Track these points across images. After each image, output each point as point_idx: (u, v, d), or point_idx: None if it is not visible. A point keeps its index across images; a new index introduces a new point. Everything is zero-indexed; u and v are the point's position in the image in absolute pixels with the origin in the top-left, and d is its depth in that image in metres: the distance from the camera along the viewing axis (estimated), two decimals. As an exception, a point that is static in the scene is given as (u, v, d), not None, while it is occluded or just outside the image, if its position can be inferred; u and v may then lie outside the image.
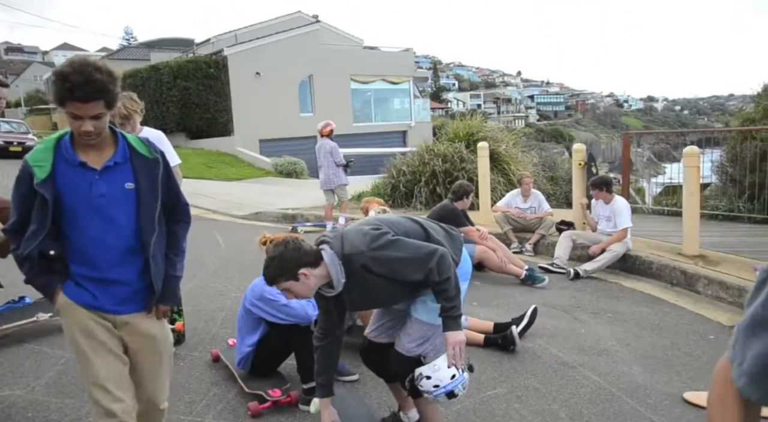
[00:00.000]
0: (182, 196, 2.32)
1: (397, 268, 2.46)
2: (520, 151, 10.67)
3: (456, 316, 2.49)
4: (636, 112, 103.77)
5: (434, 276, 2.44)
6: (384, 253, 2.44)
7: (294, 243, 2.47)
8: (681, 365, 3.77)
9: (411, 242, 2.51)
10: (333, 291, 2.53)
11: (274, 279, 2.47)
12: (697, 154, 5.80)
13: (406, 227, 2.65)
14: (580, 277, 5.72)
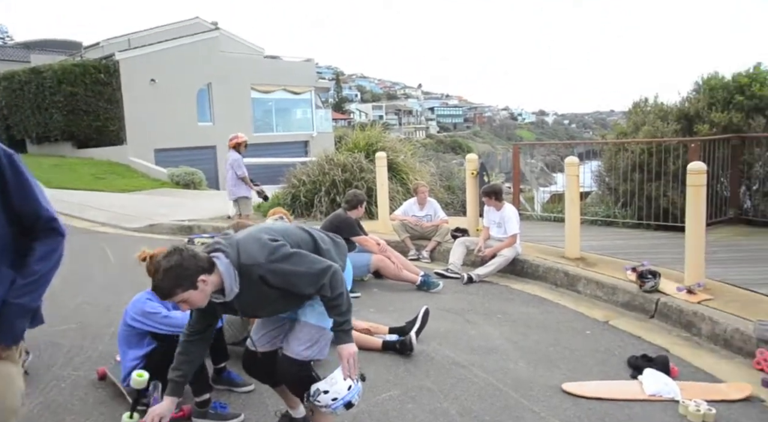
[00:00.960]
0: (43, 207, 1.95)
1: (293, 281, 2.49)
2: (417, 161, 10.98)
3: (348, 330, 2.57)
4: (529, 125, 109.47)
5: (326, 292, 2.50)
6: (281, 266, 2.46)
7: (188, 251, 2.42)
8: (561, 359, 4.05)
9: (307, 257, 2.54)
10: (223, 298, 2.51)
11: (171, 292, 2.36)
12: (577, 164, 6.26)
13: (297, 237, 2.69)
14: (473, 281, 5.98)
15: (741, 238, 7.03)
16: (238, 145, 8.64)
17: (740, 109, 7.83)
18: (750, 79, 7.96)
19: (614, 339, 4.41)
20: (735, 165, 7.82)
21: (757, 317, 4.09)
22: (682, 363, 3.94)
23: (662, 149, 7.76)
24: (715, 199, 7.70)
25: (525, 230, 7.11)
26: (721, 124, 7.78)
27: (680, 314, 4.58)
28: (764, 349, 3.78)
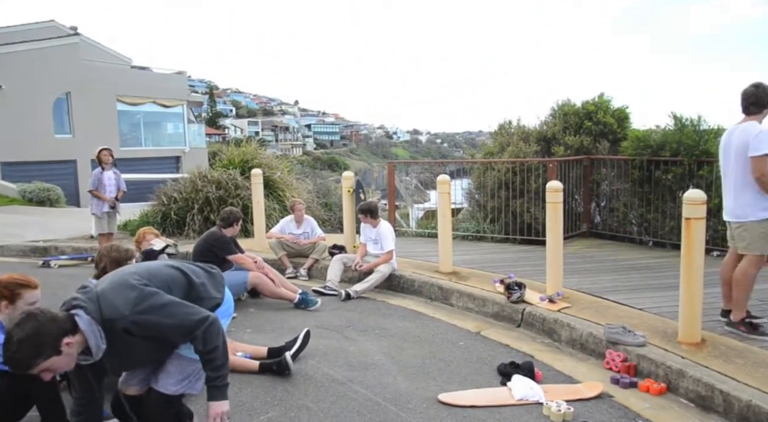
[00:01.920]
0: None
1: (164, 333, 2.36)
2: (294, 178, 10.93)
3: (222, 386, 2.45)
4: (404, 143, 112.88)
5: (199, 345, 2.39)
6: (149, 318, 2.31)
7: (44, 314, 2.17)
8: (437, 371, 4.19)
9: (181, 307, 2.40)
10: (91, 359, 2.30)
11: (31, 363, 2.11)
12: (448, 182, 6.55)
13: (166, 277, 2.54)
14: (351, 298, 6.03)
15: (593, 250, 7.72)
16: (99, 159, 8.29)
17: (589, 134, 8.65)
18: (596, 107, 8.82)
19: (486, 349, 4.64)
20: (586, 183, 8.60)
21: (607, 321, 4.51)
22: (546, 367, 4.24)
23: (525, 168, 8.36)
24: (571, 215, 8.40)
25: (401, 246, 7.31)
26: (574, 147, 8.54)
27: (543, 322, 4.93)
28: (612, 350, 4.17)
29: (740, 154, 4.23)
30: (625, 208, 8.21)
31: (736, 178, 4.30)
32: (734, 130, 4.38)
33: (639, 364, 4.04)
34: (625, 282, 5.90)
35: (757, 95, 4.26)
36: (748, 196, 4.23)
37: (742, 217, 4.30)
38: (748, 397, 3.32)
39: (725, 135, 4.49)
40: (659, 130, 8.02)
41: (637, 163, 7.85)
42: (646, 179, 7.80)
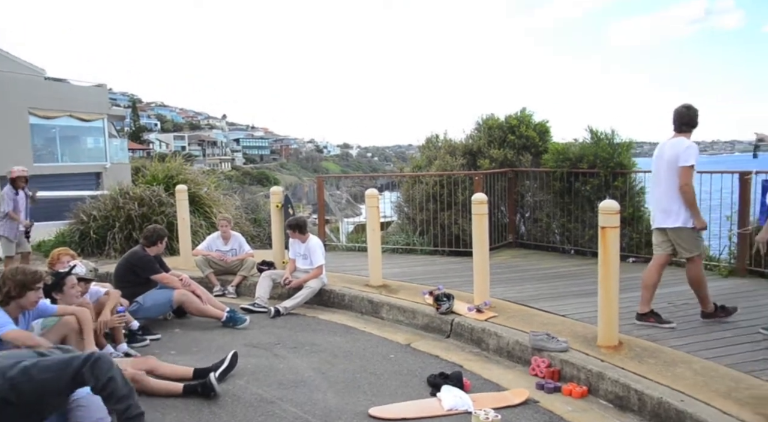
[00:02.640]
0: None
1: (47, 388, 2.28)
2: (222, 193, 10.70)
3: (135, 416, 2.37)
4: (334, 158, 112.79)
5: (92, 381, 2.31)
6: (22, 380, 2.25)
7: None
8: (367, 384, 4.18)
9: (54, 360, 2.34)
10: None
11: None
12: (377, 196, 6.60)
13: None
14: (281, 315, 5.94)
15: (518, 260, 7.95)
16: (13, 180, 7.67)
17: (513, 147, 8.94)
18: (518, 121, 9.15)
19: (416, 361, 4.68)
20: (511, 195, 8.87)
21: (532, 329, 4.65)
22: (474, 376, 4.32)
23: (452, 181, 8.54)
24: (497, 226, 8.63)
25: (331, 260, 7.27)
26: (499, 159, 8.81)
27: (471, 332, 5.02)
28: (537, 357, 4.30)
29: (672, 165, 4.62)
30: (548, 218, 8.52)
31: (668, 188, 4.67)
32: (665, 144, 4.79)
33: (562, 369, 4.18)
34: (549, 290, 6.11)
35: (689, 116, 4.71)
36: (678, 205, 4.62)
37: (673, 224, 4.67)
38: (659, 395, 3.50)
39: (657, 148, 4.88)
40: (577, 143, 8.40)
41: (557, 175, 8.18)
42: (566, 190, 8.14)
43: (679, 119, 4.74)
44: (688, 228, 4.65)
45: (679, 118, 4.74)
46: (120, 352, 4.64)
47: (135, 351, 4.80)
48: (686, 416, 3.31)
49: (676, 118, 4.76)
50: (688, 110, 4.73)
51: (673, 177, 4.62)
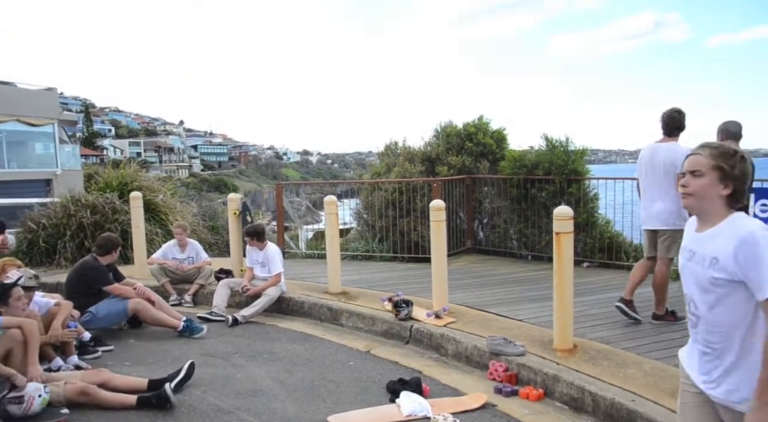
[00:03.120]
0: None
1: None
2: (178, 201, 10.50)
3: None
4: (294, 164, 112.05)
5: None
6: None
7: None
8: (327, 392, 4.16)
9: None
10: None
11: None
12: (335, 203, 6.59)
13: None
14: (239, 323, 5.86)
15: (477, 265, 8.05)
16: None
17: (470, 154, 9.07)
18: (476, 129, 9.29)
19: (375, 368, 4.68)
20: (469, 202, 8.99)
21: (490, 333, 4.71)
22: (433, 382, 4.35)
23: (411, 188, 8.60)
24: (456, 232, 8.73)
25: (290, 268, 7.22)
26: (457, 166, 8.91)
27: (430, 338, 5.06)
28: (495, 361, 4.36)
29: (668, 169, 4.78)
30: (506, 224, 8.66)
31: (665, 190, 4.84)
32: (658, 148, 4.95)
33: (519, 373, 4.25)
34: (507, 295, 6.21)
35: (680, 120, 4.90)
36: (673, 207, 4.78)
37: (666, 225, 4.86)
38: (612, 396, 3.60)
39: (647, 152, 5.02)
40: (533, 150, 8.58)
41: (514, 182, 8.33)
42: (523, 197, 8.30)
43: (672, 123, 4.92)
44: (674, 230, 4.79)
45: (672, 122, 4.92)
46: (70, 365, 4.50)
47: (86, 363, 4.65)
48: (637, 415, 3.41)
49: (669, 122, 4.93)
50: (679, 114, 4.92)
51: (671, 180, 4.74)
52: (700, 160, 2.04)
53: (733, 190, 2.01)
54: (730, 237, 1.95)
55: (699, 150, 2.06)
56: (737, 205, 2.03)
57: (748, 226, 1.94)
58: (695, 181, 2.04)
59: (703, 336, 2.07)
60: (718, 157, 2.02)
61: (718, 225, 2.02)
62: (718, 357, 2.02)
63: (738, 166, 2.01)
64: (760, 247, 1.88)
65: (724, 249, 1.95)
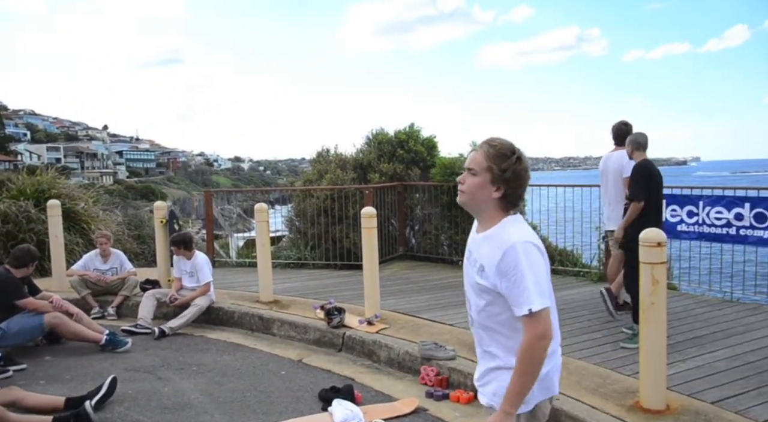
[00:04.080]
0: None
1: None
2: (101, 209, 10.06)
3: None
4: (225, 171, 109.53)
5: None
6: None
7: None
8: (257, 403, 4.08)
9: None
10: None
11: None
12: (266, 210, 6.50)
13: None
14: (166, 335, 5.67)
15: (408, 272, 8.13)
16: None
17: (402, 161, 9.17)
18: (407, 136, 9.41)
19: (307, 376, 4.64)
20: (401, 208, 9.08)
21: (421, 339, 4.77)
22: (366, 389, 4.35)
23: (343, 195, 8.59)
24: (388, 239, 8.78)
25: (220, 277, 7.07)
26: (388, 173, 8.99)
27: (363, 345, 5.06)
28: (427, 366, 4.41)
29: (617, 176, 5.29)
30: (437, 230, 8.79)
31: (617, 193, 5.32)
32: (610, 156, 5.45)
33: (450, 377, 4.32)
34: (438, 301, 6.30)
35: (627, 131, 5.28)
36: (620, 210, 5.18)
37: (615, 227, 5.19)
38: (538, 396, 3.71)
39: (602, 161, 5.59)
40: (463, 157, 8.77)
41: (445, 189, 8.48)
42: (453, 203, 8.44)
43: (620, 134, 5.35)
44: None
45: (620, 133, 5.36)
46: (-22, 385, 4.21)
47: (-4, 383, 4.37)
48: (561, 413, 3.53)
49: (617, 133, 5.40)
50: (625, 126, 5.36)
51: (619, 185, 5.27)
52: (476, 158, 1.94)
53: (503, 193, 1.91)
54: (497, 246, 1.89)
55: (480, 146, 1.96)
56: (512, 208, 1.96)
57: (512, 238, 1.88)
58: (470, 179, 1.95)
59: (476, 337, 2.09)
60: (491, 158, 1.91)
61: (490, 229, 1.95)
62: (486, 359, 2.05)
63: (511, 168, 1.90)
64: (518, 263, 1.84)
65: (490, 259, 1.90)
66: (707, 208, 6.27)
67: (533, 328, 1.85)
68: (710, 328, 5.06)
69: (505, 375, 1.95)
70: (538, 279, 1.87)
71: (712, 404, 3.53)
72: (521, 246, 1.86)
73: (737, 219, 6.05)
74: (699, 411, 3.43)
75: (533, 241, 1.91)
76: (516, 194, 1.94)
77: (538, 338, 1.85)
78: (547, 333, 1.87)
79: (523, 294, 1.84)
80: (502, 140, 1.96)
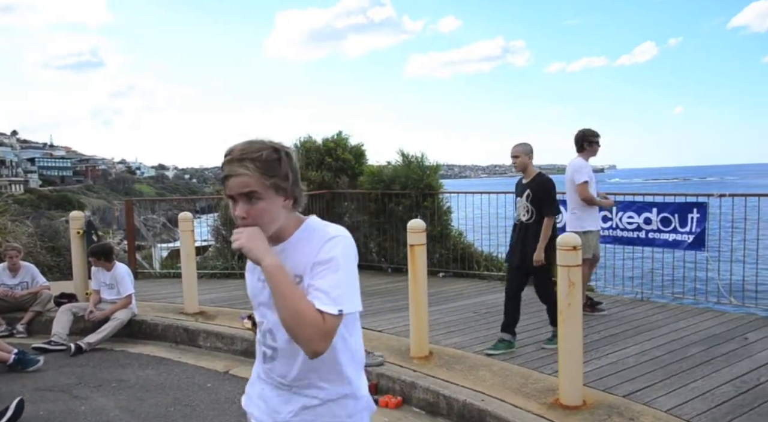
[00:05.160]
0: None
1: None
2: (9, 220, 9.49)
3: None
4: (149, 179, 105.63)
5: None
6: None
7: None
8: (182, 418, 3.97)
9: None
10: None
11: None
12: (191, 219, 6.33)
13: None
14: (84, 351, 5.41)
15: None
16: None
17: (330, 169, 9.18)
18: (335, 144, 9.43)
19: (235, 388, 4.54)
20: (330, 216, 9.06)
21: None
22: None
23: (271, 203, 8.49)
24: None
25: (142, 288, 6.83)
26: (317, 181, 8.97)
27: (291, 353, 5.01)
28: (356, 373, 4.43)
29: (570, 183, 5.59)
30: (366, 237, 8.84)
31: (570, 199, 5.64)
32: (569, 164, 5.70)
33: (379, 382, 4.35)
34: (367, 307, 6.27)
35: (584, 137, 5.61)
36: (573, 214, 5.58)
37: (572, 229, 5.39)
38: (464, 397, 3.81)
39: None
40: (390, 166, 8.88)
41: (373, 196, 8.55)
42: (381, 210, 8.54)
43: (577, 141, 5.67)
44: (581, 232, 5.32)
45: (577, 141, 5.67)
46: None
47: None
48: (486, 414, 3.64)
49: (576, 141, 5.69)
50: (583, 134, 5.62)
51: (573, 191, 5.55)
52: (248, 181, 1.55)
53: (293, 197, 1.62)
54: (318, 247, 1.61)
55: (239, 163, 1.55)
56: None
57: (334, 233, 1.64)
58: (253, 207, 1.59)
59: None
60: (265, 170, 1.55)
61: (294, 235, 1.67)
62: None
63: (289, 167, 1.60)
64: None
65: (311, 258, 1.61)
66: (620, 213, 6.65)
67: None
68: (623, 326, 5.36)
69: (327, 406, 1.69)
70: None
71: (623, 397, 3.74)
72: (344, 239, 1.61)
73: (646, 224, 6.45)
74: (612, 405, 3.63)
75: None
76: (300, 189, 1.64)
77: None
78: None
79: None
80: (259, 142, 1.58)
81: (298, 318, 1.48)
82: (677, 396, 3.73)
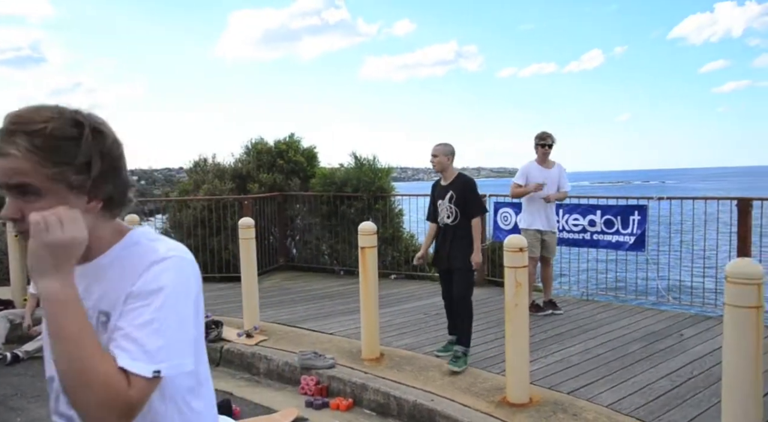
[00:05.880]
0: None
1: None
2: (-58, 223, 9.01)
3: None
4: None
5: None
6: None
7: None
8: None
9: None
10: None
11: None
12: (138, 221, 6.17)
13: None
14: (21, 360, 5.19)
15: (289, 282, 8.06)
16: None
17: (282, 171, 9.10)
18: (287, 146, 9.36)
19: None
20: (281, 219, 8.99)
21: (300, 349, 4.76)
22: (244, 402, 4.27)
23: (221, 205, 8.36)
24: (269, 249, 8.66)
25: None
26: (268, 184, 8.88)
27: (242, 357, 4.96)
28: (306, 376, 4.41)
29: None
30: (318, 240, 8.81)
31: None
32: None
33: (330, 385, 4.35)
34: (318, 310, 6.31)
35: (536, 141, 5.90)
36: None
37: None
38: (413, 398, 3.85)
39: None
40: (342, 168, 8.88)
41: (325, 199, 8.53)
42: (333, 213, 8.52)
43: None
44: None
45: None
46: None
47: None
48: (436, 413, 3.68)
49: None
50: (538, 138, 5.90)
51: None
52: (19, 166, 1.03)
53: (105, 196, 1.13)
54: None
55: (12, 138, 1.05)
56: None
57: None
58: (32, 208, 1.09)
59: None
60: (47, 153, 1.04)
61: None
62: None
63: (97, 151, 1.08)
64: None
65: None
66: (566, 215, 6.84)
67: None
68: (568, 325, 5.52)
69: None
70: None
71: (567, 394, 3.86)
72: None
73: (591, 226, 6.66)
74: (557, 402, 3.73)
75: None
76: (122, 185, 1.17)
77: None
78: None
79: None
80: (51, 108, 1.05)
81: (82, 378, 0.96)
82: (618, 392, 3.87)
